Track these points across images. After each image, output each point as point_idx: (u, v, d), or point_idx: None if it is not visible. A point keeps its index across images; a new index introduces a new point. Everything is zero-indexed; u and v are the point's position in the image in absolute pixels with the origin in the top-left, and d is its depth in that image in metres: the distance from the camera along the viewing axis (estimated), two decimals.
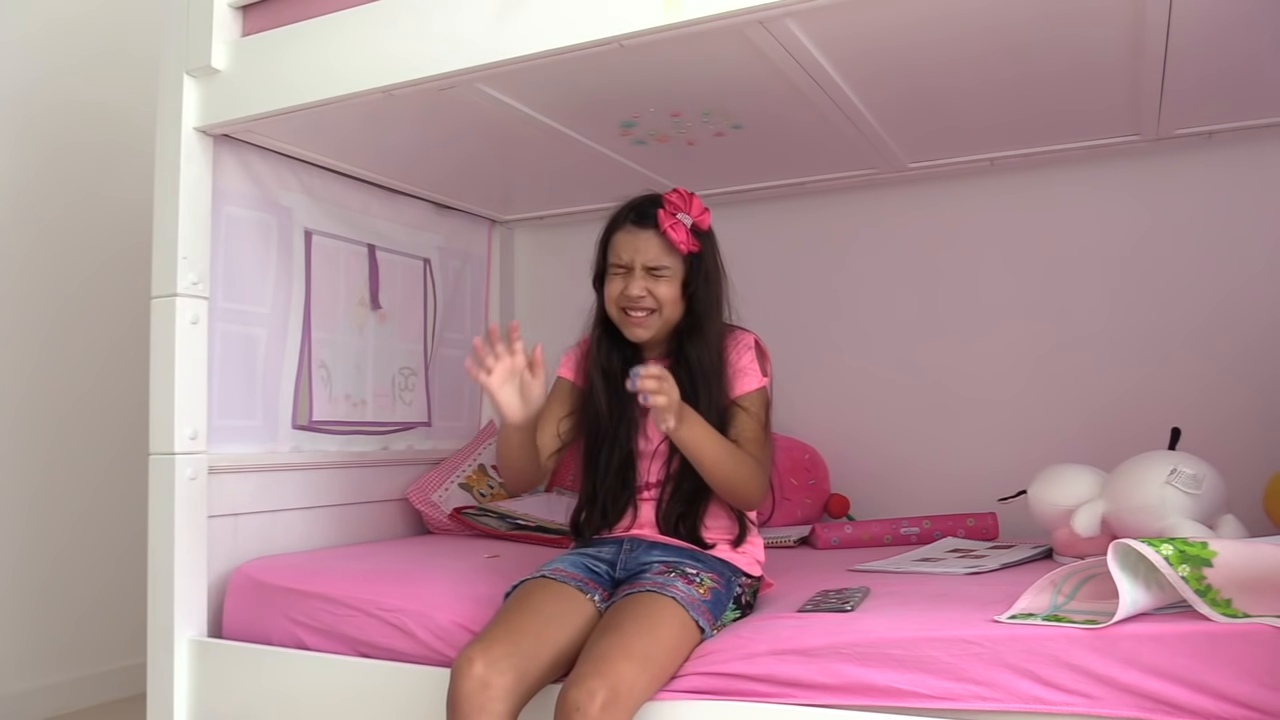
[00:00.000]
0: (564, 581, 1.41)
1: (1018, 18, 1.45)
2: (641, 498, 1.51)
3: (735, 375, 1.49)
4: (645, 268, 1.45)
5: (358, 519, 2.20)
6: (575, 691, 1.18)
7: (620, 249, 1.47)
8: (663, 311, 1.47)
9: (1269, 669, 1.06)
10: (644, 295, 1.45)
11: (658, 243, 1.45)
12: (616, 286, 1.47)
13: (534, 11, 1.50)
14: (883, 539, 2.06)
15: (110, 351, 2.57)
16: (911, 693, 1.20)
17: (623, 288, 1.46)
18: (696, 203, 1.48)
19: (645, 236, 1.46)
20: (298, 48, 1.71)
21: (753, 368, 1.51)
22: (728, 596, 1.43)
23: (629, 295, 1.45)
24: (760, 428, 1.49)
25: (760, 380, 1.50)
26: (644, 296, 1.45)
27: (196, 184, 1.80)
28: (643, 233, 1.46)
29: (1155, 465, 1.53)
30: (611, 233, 1.50)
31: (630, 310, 1.47)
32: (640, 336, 1.48)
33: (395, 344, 2.33)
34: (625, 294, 1.46)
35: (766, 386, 1.51)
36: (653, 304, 1.46)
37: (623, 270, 1.47)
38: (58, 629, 2.44)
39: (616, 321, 1.50)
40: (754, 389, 1.49)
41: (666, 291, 1.46)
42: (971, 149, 2.11)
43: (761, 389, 1.50)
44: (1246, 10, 1.43)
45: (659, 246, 1.45)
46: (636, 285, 1.45)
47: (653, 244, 1.46)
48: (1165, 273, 2.08)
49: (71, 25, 2.55)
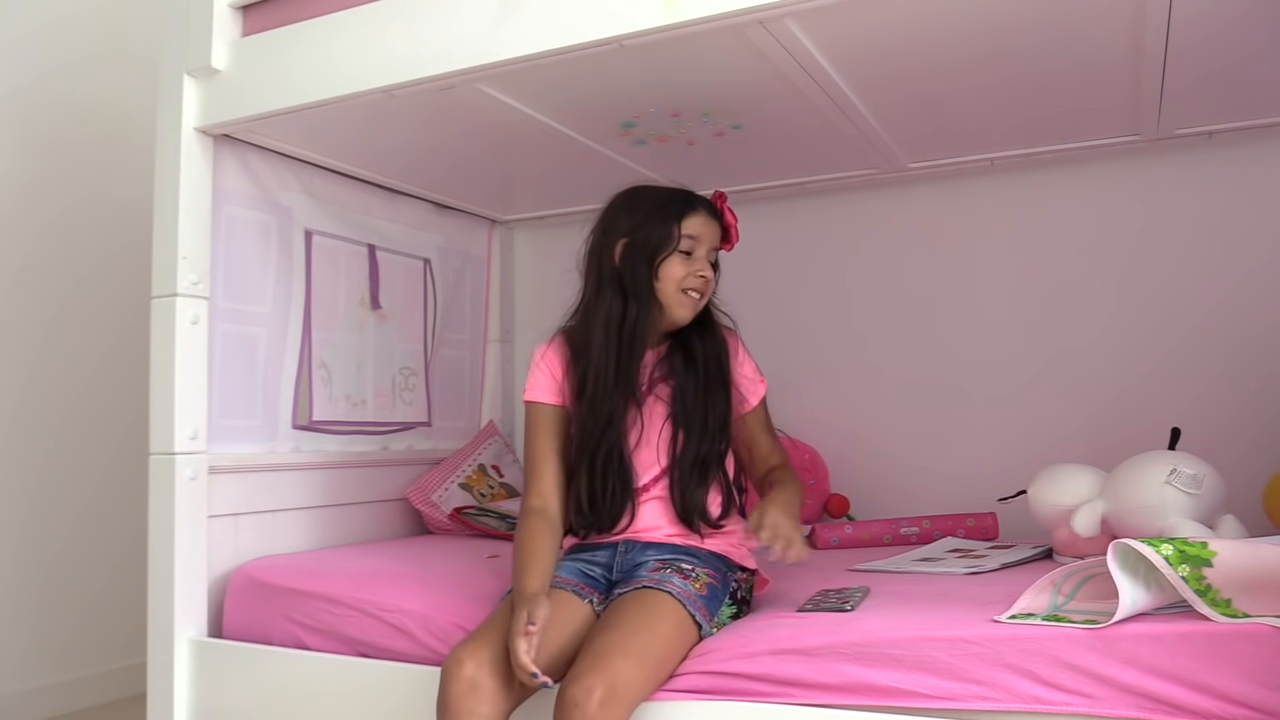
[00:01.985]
0: (560, 587, 1.41)
1: (1018, 18, 1.45)
2: (640, 500, 1.51)
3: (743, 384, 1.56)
4: (709, 253, 1.53)
5: (358, 519, 2.20)
6: (573, 689, 1.18)
7: (698, 229, 1.51)
8: (707, 296, 1.55)
9: (1269, 669, 1.06)
10: (708, 278, 1.52)
11: (719, 232, 1.55)
12: (683, 267, 1.50)
13: (534, 11, 1.50)
14: (883, 539, 2.07)
15: (109, 350, 2.57)
16: (911, 693, 1.20)
17: (693, 269, 1.50)
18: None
19: (714, 224, 1.54)
20: (298, 48, 1.71)
21: (756, 375, 1.59)
22: (724, 591, 1.43)
23: (703, 275, 1.51)
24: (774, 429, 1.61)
25: (764, 383, 1.60)
26: (708, 279, 1.52)
27: (196, 184, 1.80)
28: (714, 221, 1.54)
29: (1155, 465, 1.53)
30: (684, 215, 1.51)
31: (690, 290, 1.51)
32: (687, 318, 1.53)
33: (395, 344, 2.33)
34: (698, 274, 1.51)
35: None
36: (709, 287, 1.54)
37: (690, 251, 1.51)
38: (56, 629, 2.44)
39: (670, 301, 1.51)
40: (763, 393, 1.59)
41: (712, 280, 1.55)
42: (971, 149, 2.11)
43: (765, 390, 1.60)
44: (1247, 10, 1.43)
45: (719, 235, 1.55)
46: (705, 267, 1.52)
47: (717, 232, 1.55)
48: (1165, 273, 2.08)
49: (70, 23, 2.55)
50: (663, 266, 1.49)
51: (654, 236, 1.49)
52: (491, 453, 2.50)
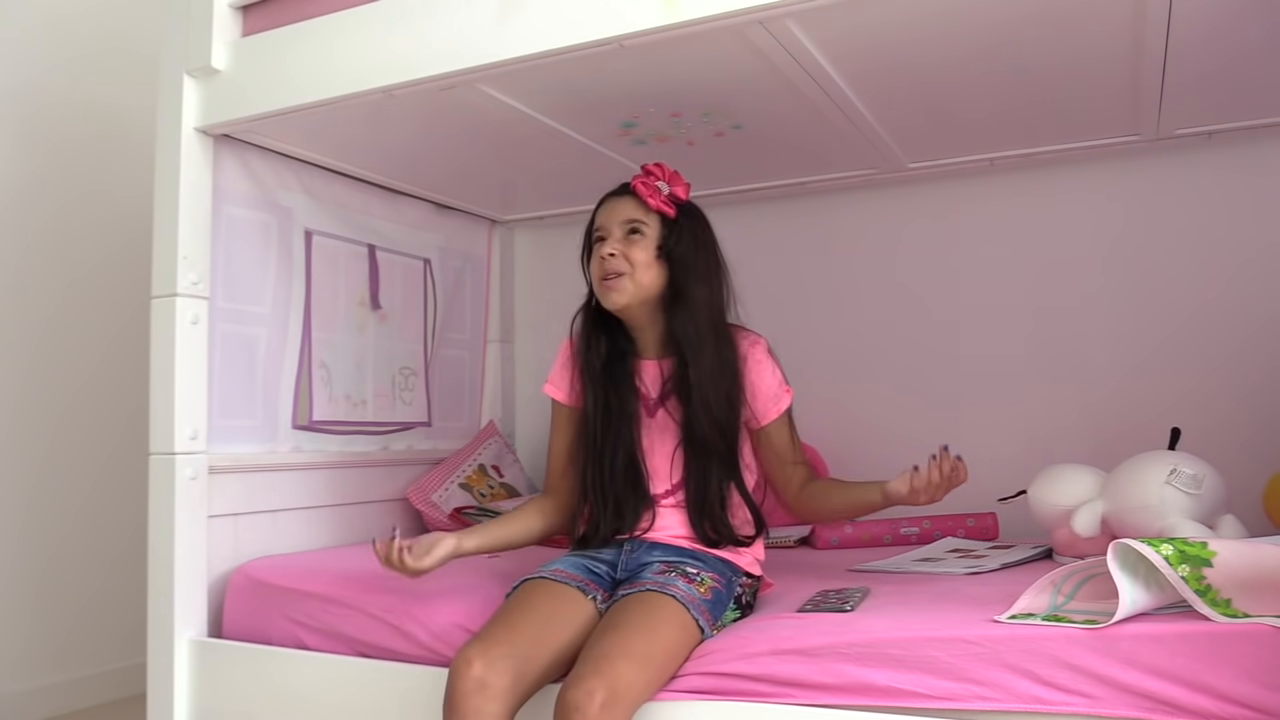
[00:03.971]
0: (564, 583, 1.41)
1: (1017, 17, 1.45)
2: (662, 504, 1.51)
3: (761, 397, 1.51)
4: (622, 228, 1.49)
5: (358, 519, 2.20)
6: (574, 691, 1.18)
7: (600, 218, 1.52)
8: (635, 274, 1.47)
9: (1269, 669, 1.06)
10: (615, 255, 1.47)
11: (632, 202, 1.50)
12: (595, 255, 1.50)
13: (534, 11, 1.50)
14: (883, 539, 2.07)
15: (107, 348, 2.57)
16: (911, 693, 1.20)
17: (601, 252, 1.48)
18: (674, 174, 1.53)
19: (623, 201, 1.52)
20: (298, 48, 1.71)
21: (779, 387, 1.53)
22: (728, 596, 1.43)
23: (602, 256, 1.48)
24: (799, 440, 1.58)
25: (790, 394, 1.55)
26: (615, 256, 1.47)
27: (196, 184, 1.80)
28: (620, 199, 1.52)
29: (1155, 465, 1.53)
30: (596, 210, 1.54)
31: (606, 277, 1.48)
32: (615, 303, 1.48)
33: (395, 344, 2.33)
34: (601, 255, 1.48)
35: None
36: (624, 266, 1.47)
37: (601, 239, 1.50)
38: (55, 629, 2.44)
39: (597, 293, 1.51)
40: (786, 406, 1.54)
41: (640, 254, 1.47)
42: (971, 149, 2.11)
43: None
44: (1246, 10, 1.43)
45: (633, 205, 1.50)
46: (609, 246, 1.48)
47: (627, 204, 1.51)
48: (1165, 273, 2.08)
49: (70, 22, 2.55)
50: (590, 266, 1.53)
51: (585, 239, 1.55)
52: (491, 453, 2.50)
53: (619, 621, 1.30)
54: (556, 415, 1.62)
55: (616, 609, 1.35)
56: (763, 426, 1.53)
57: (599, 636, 1.29)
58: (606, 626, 1.31)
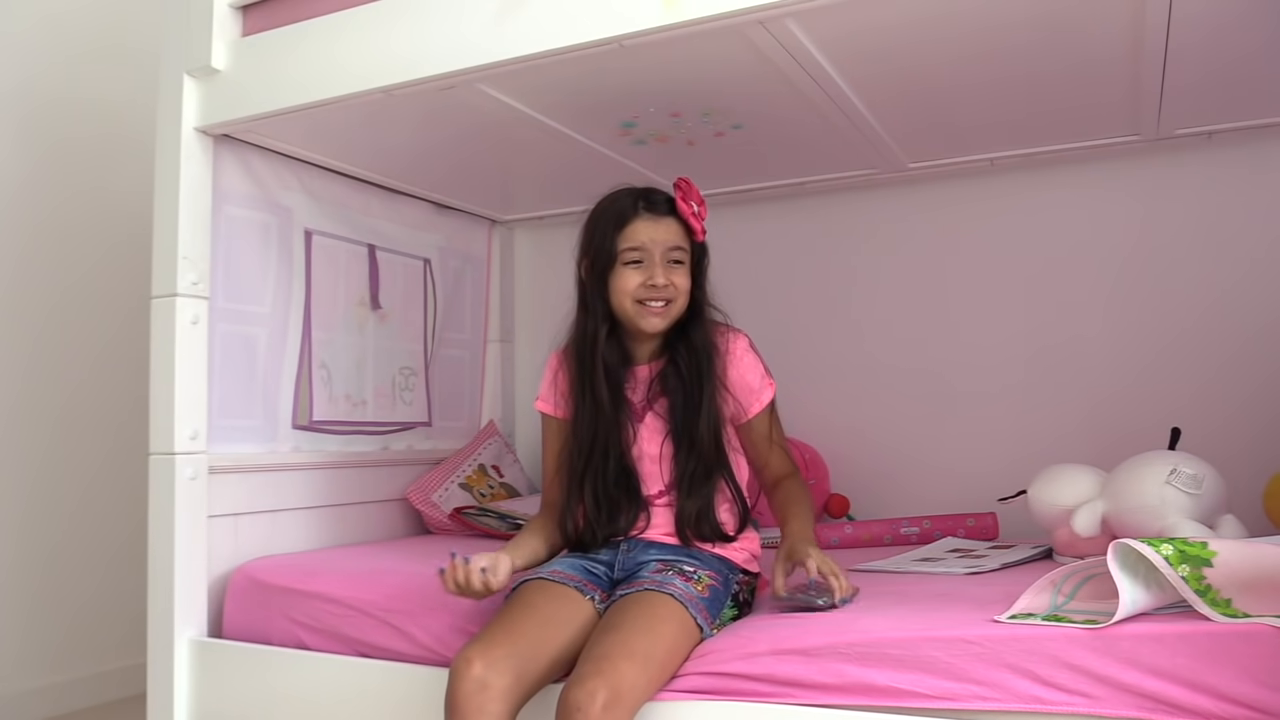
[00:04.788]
0: (562, 583, 1.41)
1: (1017, 17, 1.45)
2: (656, 505, 1.51)
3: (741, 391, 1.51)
4: (666, 256, 1.46)
5: (358, 519, 2.20)
6: (576, 692, 1.18)
7: (640, 237, 1.46)
8: (678, 301, 1.47)
9: (1269, 669, 1.06)
10: (668, 285, 1.45)
11: (677, 229, 1.47)
12: (635, 278, 1.45)
13: (534, 11, 1.50)
14: (883, 539, 2.07)
15: (105, 347, 2.57)
16: (911, 693, 1.20)
17: (645, 278, 1.45)
18: (696, 190, 1.50)
19: (665, 224, 1.47)
20: (298, 48, 1.71)
21: (760, 380, 1.53)
22: (725, 594, 1.43)
23: (655, 285, 1.44)
24: (782, 433, 1.57)
25: (773, 387, 1.53)
26: (668, 286, 1.45)
27: (196, 184, 1.80)
28: (662, 220, 1.47)
29: (1155, 465, 1.53)
30: (623, 224, 1.47)
31: (650, 301, 1.46)
32: (657, 327, 1.47)
33: (395, 344, 2.33)
34: (649, 284, 1.44)
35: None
36: (672, 293, 1.46)
37: (640, 260, 1.46)
38: (54, 629, 2.44)
39: (629, 314, 1.47)
40: (771, 398, 1.53)
41: (683, 281, 1.47)
42: (971, 149, 2.11)
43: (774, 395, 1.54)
44: (1246, 10, 1.43)
45: (679, 233, 1.47)
46: (660, 274, 1.44)
47: (673, 230, 1.47)
48: (1165, 273, 2.08)
49: (69, 21, 2.55)
50: (612, 280, 1.47)
51: (601, 252, 1.48)
52: (491, 453, 2.50)
53: (619, 621, 1.30)
54: (548, 430, 1.60)
55: (616, 609, 1.35)
56: (748, 420, 1.53)
57: (600, 636, 1.29)
58: (607, 626, 1.31)
